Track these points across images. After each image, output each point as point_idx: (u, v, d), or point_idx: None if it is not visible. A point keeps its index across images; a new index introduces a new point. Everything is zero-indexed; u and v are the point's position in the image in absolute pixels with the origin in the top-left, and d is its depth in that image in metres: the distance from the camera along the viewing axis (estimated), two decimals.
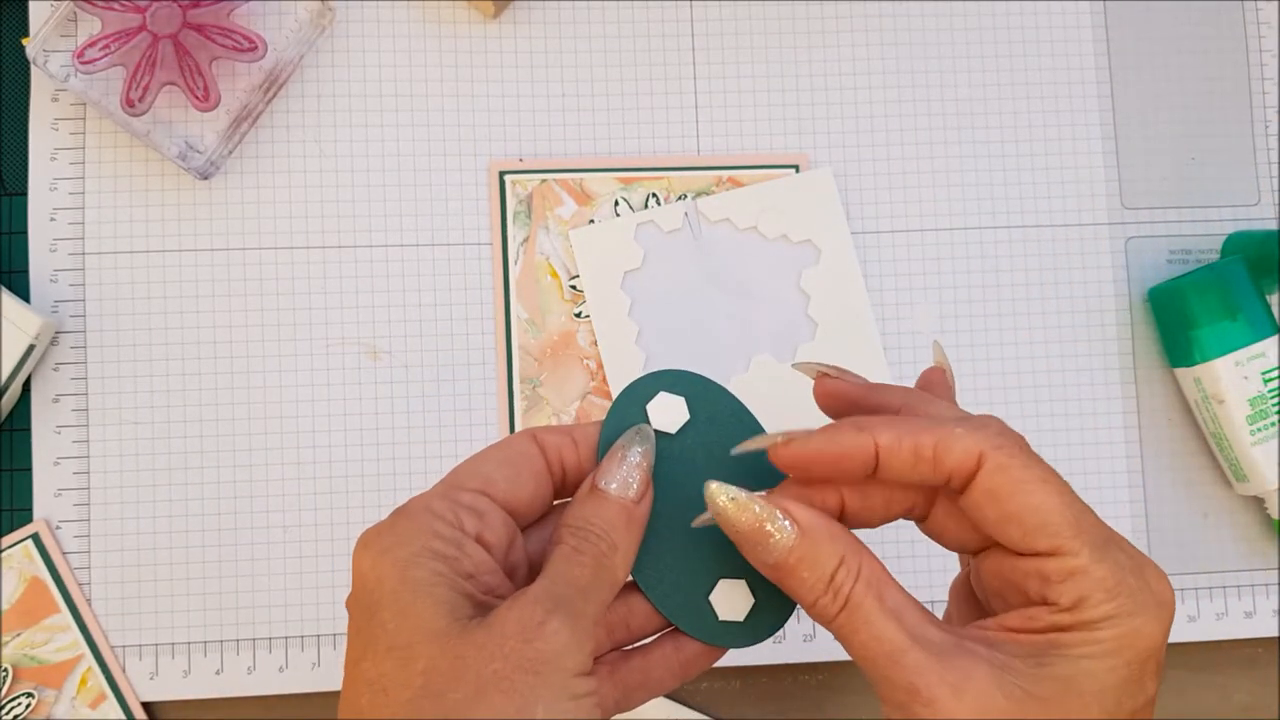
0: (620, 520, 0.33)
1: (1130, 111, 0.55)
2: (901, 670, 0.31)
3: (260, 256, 0.51)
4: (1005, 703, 0.30)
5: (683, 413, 0.36)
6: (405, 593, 0.30)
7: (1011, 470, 0.31)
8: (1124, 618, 0.30)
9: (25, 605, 0.49)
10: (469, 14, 0.53)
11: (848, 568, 0.32)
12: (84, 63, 0.49)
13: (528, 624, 0.30)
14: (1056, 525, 0.31)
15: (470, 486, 0.33)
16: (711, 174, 0.52)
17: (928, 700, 0.30)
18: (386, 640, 0.30)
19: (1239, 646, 0.53)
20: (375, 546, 0.31)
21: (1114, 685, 0.30)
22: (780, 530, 0.32)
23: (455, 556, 0.31)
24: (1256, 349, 0.50)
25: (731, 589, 0.35)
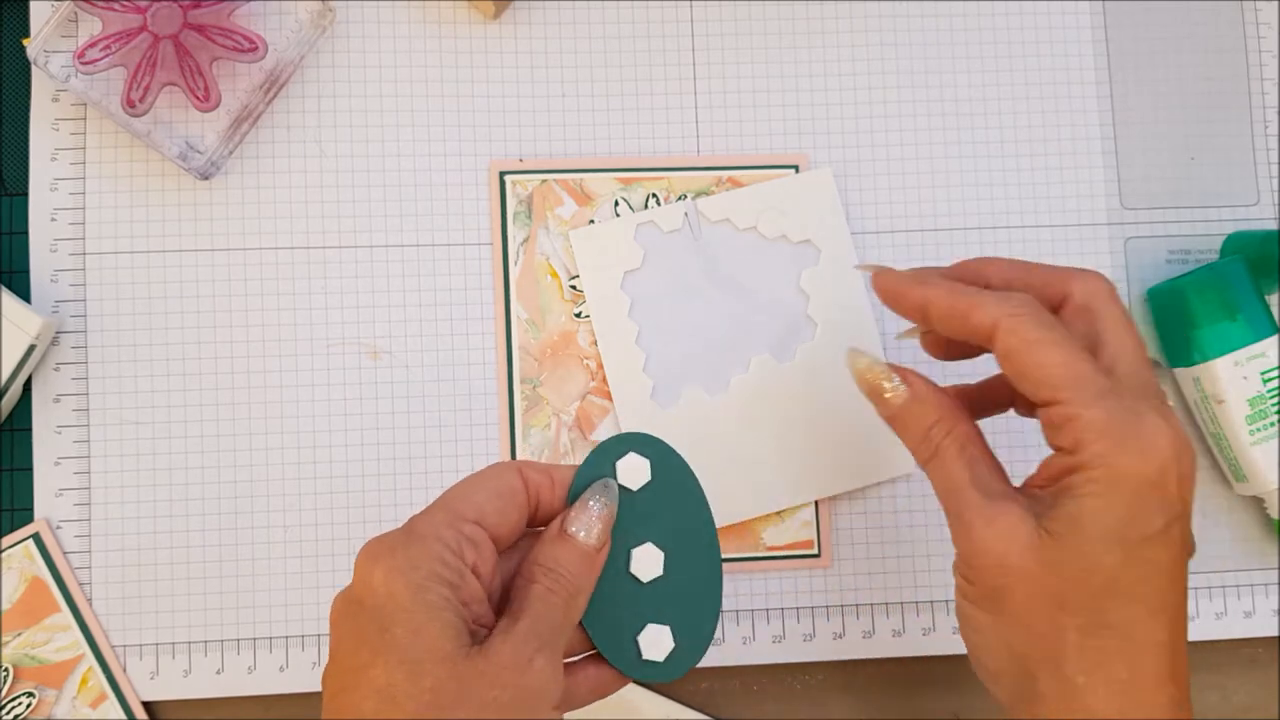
0: (584, 565, 0.37)
1: (1130, 111, 0.55)
2: (957, 503, 0.38)
3: (260, 256, 0.51)
4: (1025, 535, 0.36)
5: (646, 474, 0.40)
6: (419, 612, 0.33)
7: (1020, 333, 0.37)
8: (1113, 455, 0.35)
9: (26, 605, 0.49)
10: (469, 14, 0.53)
11: (941, 425, 0.39)
12: (85, 63, 0.49)
13: (520, 659, 0.34)
14: (1057, 378, 0.36)
15: (469, 517, 0.36)
16: (711, 174, 0.53)
17: (968, 526, 0.37)
18: (399, 654, 0.33)
19: (1238, 646, 0.53)
20: (387, 562, 0.34)
21: (1114, 519, 0.35)
22: (894, 390, 0.40)
23: (458, 585, 0.34)
24: (1256, 349, 0.50)
25: (658, 633, 0.40)
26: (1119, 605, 0.35)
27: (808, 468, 0.51)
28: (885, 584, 0.51)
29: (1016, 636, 0.36)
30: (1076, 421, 0.36)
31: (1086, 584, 0.35)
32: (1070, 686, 0.35)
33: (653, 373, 0.51)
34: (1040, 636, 0.36)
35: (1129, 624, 0.36)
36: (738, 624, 0.51)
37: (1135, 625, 0.36)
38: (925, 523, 0.52)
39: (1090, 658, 0.35)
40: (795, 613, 0.51)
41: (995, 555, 0.36)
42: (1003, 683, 0.38)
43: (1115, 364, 0.38)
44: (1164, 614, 0.36)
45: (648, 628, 0.40)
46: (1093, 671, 0.35)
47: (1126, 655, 0.35)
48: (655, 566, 0.40)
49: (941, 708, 0.52)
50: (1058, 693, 0.36)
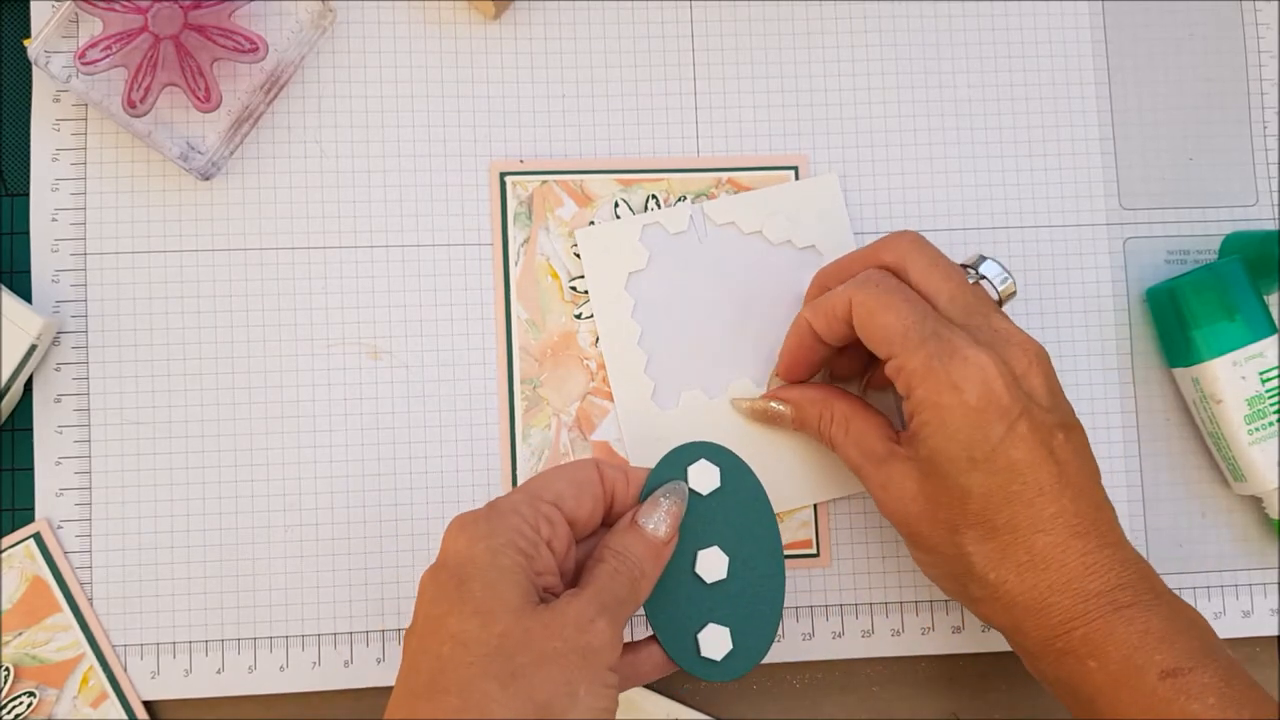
0: (650, 554, 0.41)
1: (1129, 112, 0.55)
2: (861, 477, 0.45)
3: (261, 256, 0.51)
4: (910, 484, 0.43)
5: (715, 480, 0.44)
6: (493, 572, 0.37)
7: (864, 303, 0.43)
8: (934, 395, 0.41)
9: (27, 605, 0.49)
10: (469, 14, 0.53)
11: (824, 419, 0.47)
12: (85, 64, 0.49)
13: (582, 618, 0.37)
14: (890, 335, 0.42)
15: (547, 498, 0.40)
16: (711, 175, 0.53)
17: (876, 497, 0.44)
18: (473, 605, 0.37)
19: (1237, 646, 0.53)
20: (470, 531, 0.38)
21: (956, 448, 0.41)
22: (780, 411, 0.49)
23: (532, 555, 0.39)
24: (1254, 349, 0.50)
25: (717, 633, 0.43)
26: (996, 509, 0.41)
27: (806, 472, 0.51)
28: (884, 584, 0.51)
29: (941, 562, 0.43)
30: (904, 370, 0.42)
31: (964, 506, 0.41)
32: (988, 583, 0.41)
33: (654, 374, 0.51)
34: (953, 557, 0.42)
35: (1011, 520, 0.41)
36: None
37: (1017, 518, 0.41)
38: None
39: (991, 557, 0.41)
40: (794, 612, 0.51)
41: (897, 511, 0.43)
42: (956, 596, 0.44)
43: (935, 302, 0.43)
44: (1040, 496, 0.41)
45: (708, 627, 0.43)
46: (999, 566, 0.41)
47: (1020, 542, 0.41)
48: (719, 569, 0.43)
49: (941, 707, 0.52)
50: (983, 591, 0.42)
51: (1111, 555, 0.41)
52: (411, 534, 0.50)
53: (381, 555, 0.50)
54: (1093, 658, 0.40)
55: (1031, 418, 0.41)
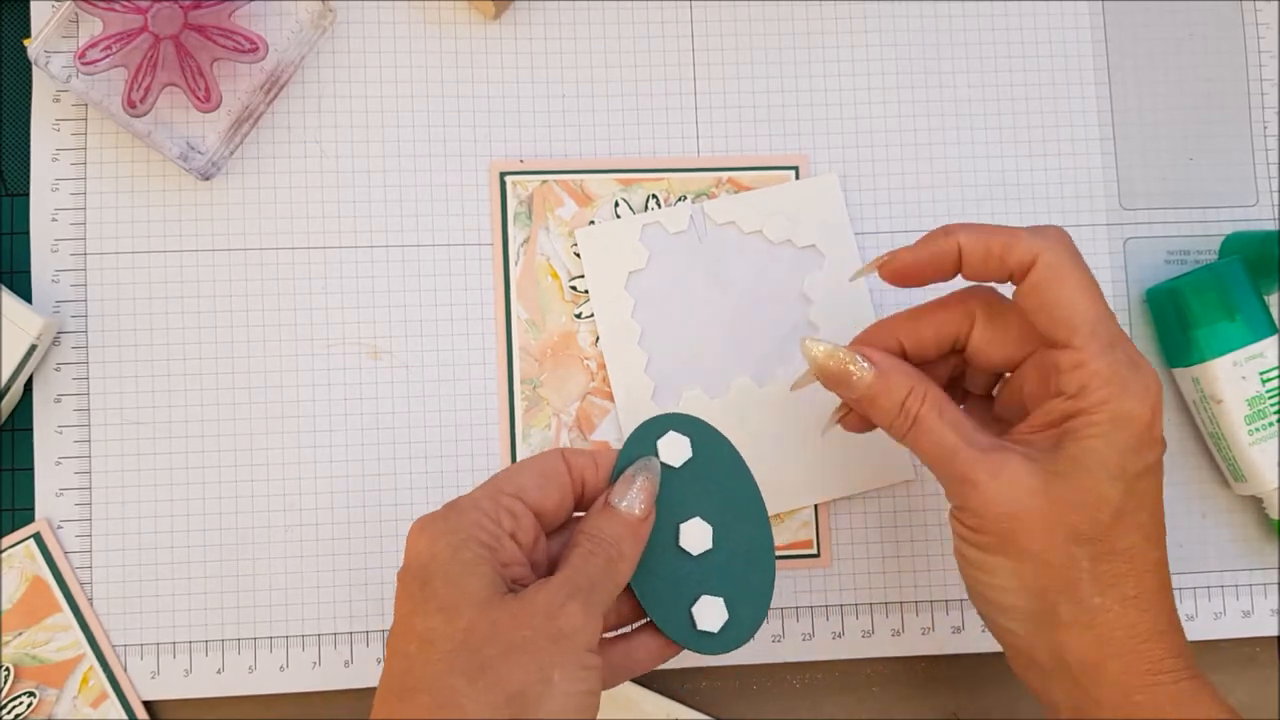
0: (627, 533, 0.40)
1: (1129, 112, 0.55)
2: (956, 464, 0.40)
3: (261, 256, 0.51)
4: (1031, 480, 0.39)
5: (686, 450, 0.42)
6: (455, 566, 0.37)
7: (1058, 268, 0.39)
8: (1115, 401, 0.38)
9: (27, 605, 0.49)
10: (469, 14, 0.53)
11: (915, 394, 0.41)
12: (85, 64, 0.49)
13: (552, 604, 0.36)
14: (1076, 321, 0.39)
15: (509, 491, 0.39)
16: (711, 175, 0.53)
17: (974, 483, 0.39)
18: (437, 602, 0.36)
19: (1237, 646, 0.53)
20: (431, 530, 0.38)
21: (1115, 456, 0.38)
22: (860, 370, 0.41)
23: (495, 547, 0.38)
24: (1255, 349, 0.50)
25: (711, 604, 0.42)
26: (1124, 533, 0.39)
27: (808, 472, 0.51)
28: (884, 584, 0.51)
29: (1032, 572, 0.39)
30: (1084, 368, 0.39)
31: (1095, 517, 0.38)
32: (1087, 607, 0.39)
33: (654, 374, 0.51)
34: (1057, 568, 0.39)
35: (1132, 548, 0.39)
36: None
37: (1137, 549, 0.39)
38: (924, 522, 0.52)
39: (1104, 580, 0.39)
40: (794, 612, 0.51)
41: (1006, 502, 0.39)
42: (1017, 615, 0.40)
43: None
44: (1157, 536, 0.40)
45: (701, 599, 0.42)
46: (1106, 592, 0.39)
47: (1133, 575, 0.39)
48: (704, 540, 0.42)
49: (941, 707, 0.52)
50: (1076, 614, 0.39)
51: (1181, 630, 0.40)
52: None
53: (382, 555, 0.50)
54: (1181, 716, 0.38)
55: (1161, 456, 0.40)
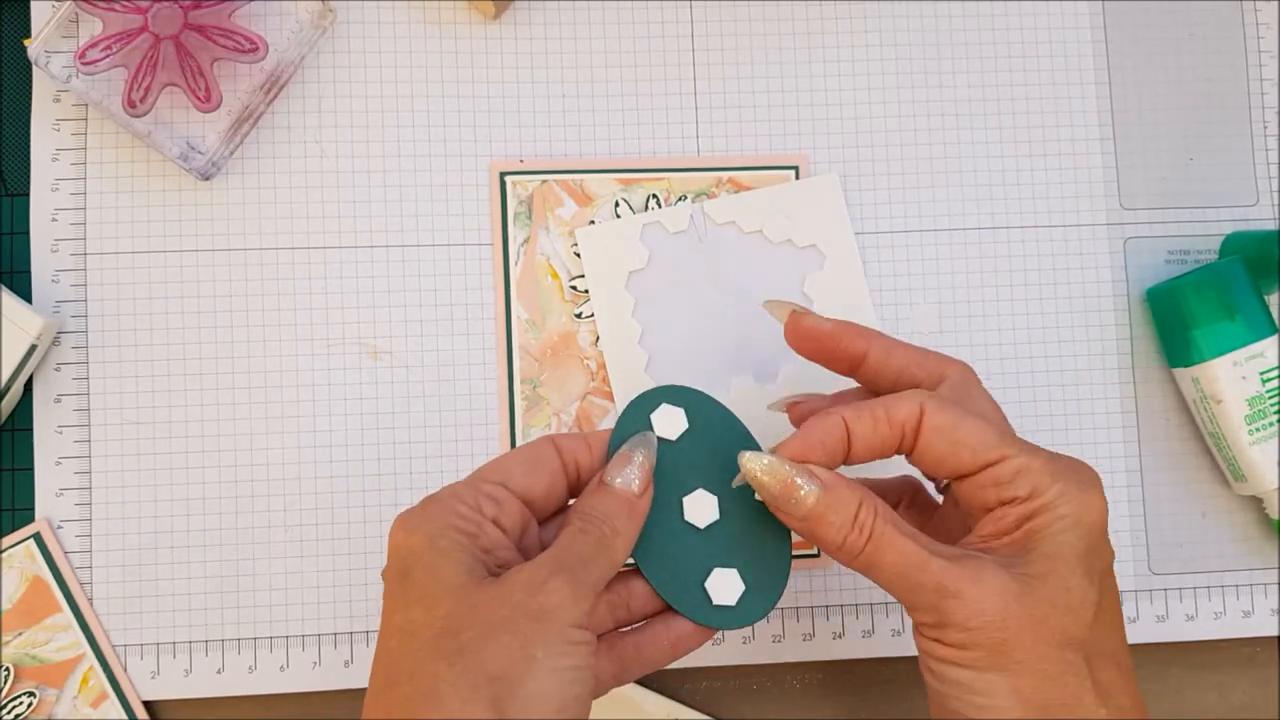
0: (623, 510, 0.38)
1: (1129, 112, 0.55)
2: (929, 575, 0.36)
3: (261, 256, 0.51)
4: (1015, 585, 0.36)
5: (682, 422, 0.41)
6: (432, 556, 0.36)
7: (948, 409, 0.38)
8: (1073, 493, 0.37)
9: (27, 605, 0.49)
10: (469, 14, 0.53)
11: (866, 508, 0.38)
12: (85, 64, 0.49)
13: (533, 581, 0.35)
14: (995, 439, 0.38)
15: (491, 479, 0.38)
16: (711, 175, 0.53)
17: (955, 593, 0.36)
18: (415, 593, 0.36)
19: (1237, 646, 0.53)
20: (409, 524, 0.37)
21: (1083, 550, 0.37)
22: (807, 485, 0.38)
23: (475, 534, 0.37)
24: (1255, 349, 0.50)
25: (725, 576, 0.40)
26: (1107, 633, 0.37)
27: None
28: None
29: (1032, 687, 0.36)
30: (1029, 470, 0.37)
31: (1081, 618, 0.36)
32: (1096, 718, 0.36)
33: (654, 374, 0.51)
34: (1054, 679, 0.36)
35: (1116, 650, 0.37)
36: None
37: (1119, 650, 0.37)
38: None
39: (1104, 690, 0.36)
40: (795, 612, 0.51)
41: (994, 611, 0.36)
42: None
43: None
44: (1122, 633, 0.38)
45: (714, 573, 0.40)
46: (1107, 701, 0.36)
47: (1121, 680, 0.37)
48: (710, 511, 0.40)
49: None
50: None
51: None
52: None
53: (381, 555, 0.50)
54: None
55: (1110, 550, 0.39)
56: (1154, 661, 0.52)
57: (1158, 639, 0.52)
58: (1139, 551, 0.52)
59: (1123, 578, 0.52)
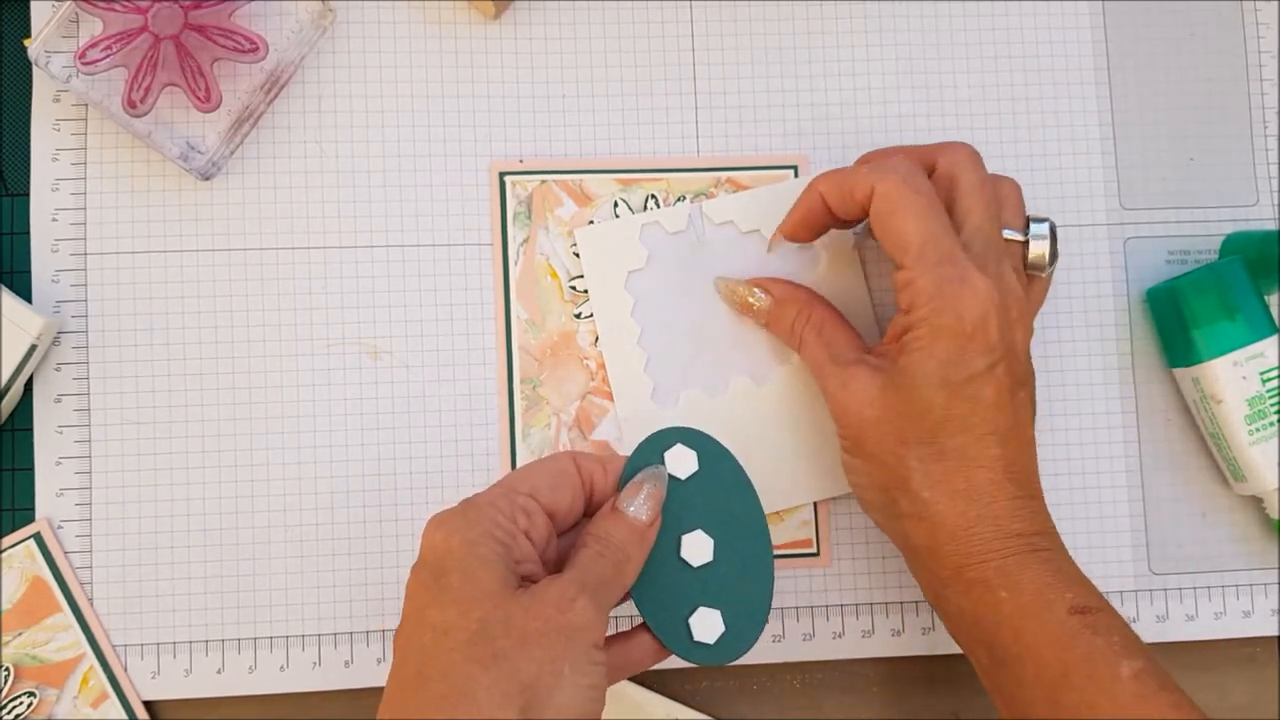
0: (633, 538, 0.41)
1: (1129, 112, 0.55)
2: (821, 376, 0.46)
3: (261, 256, 0.51)
4: (875, 391, 0.44)
5: (693, 464, 0.44)
6: (471, 561, 0.38)
7: (889, 199, 0.43)
8: (934, 316, 0.42)
9: (27, 605, 0.49)
10: (469, 14, 0.53)
11: (801, 316, 0.48)
12: (86, 64, 0.49)
13: (563, 598, 0.38)
14: (905, 245, 0.43)
15: (524, 490, 0.41)
16: (710, 175, 0.53)
17: (830, 394, 0.46)
18: (451, 594, 0.37)
19: (1237, 646, 0.53)
20: (448, 526, 0.39)
21: (937, 366, 0.42)
22: (758, 300, 0.50)
23: (509, 544, 0.39)
24: (1255, 349, 0.50)
25: (708, 616, 0.43)
26: (951, 434, 0.43)
27: (806, 470, 0.51)
28: (885, 583, 0.51)
29: (876, 470, 0.44)
30: (912, 286, 0.43)
31: (921, 421, 0.43)
32: (920, 499, 0.43)
33: (653, 373, 0.51)
34: (892, 468, 0.43)
35: (961, 447, 0.43)
36: None
37: (967, 448, 0.43)
38: None
39: (932, 476, 0.43)
40: (795, 612, 0.51)
41: (852, 410, 0.44)
42: (875, 508, 0.46)
43: (962, 224, 0.44)
44: (993, 435, 0.43)
45: (698, 610, 0.43)
46: (935, 486, 0.43)
47: (962, 471, 0.43)
48: (705, 552, 0.43)
49: (941, 707, 0.52)
50: (911, 506, 0.43)
51: (1036, 506, 0.44)
52: (412, 534, 0.50)
53: (381, 555, 0.50)
54: (1005, 589, 0.42)
55: (1009, 364, 0.43)
56: None
57: (1158, 639, 0.52)
58: (1139, 551, 0.52)
59: (1123, 578, 0.52)
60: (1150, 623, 0.52)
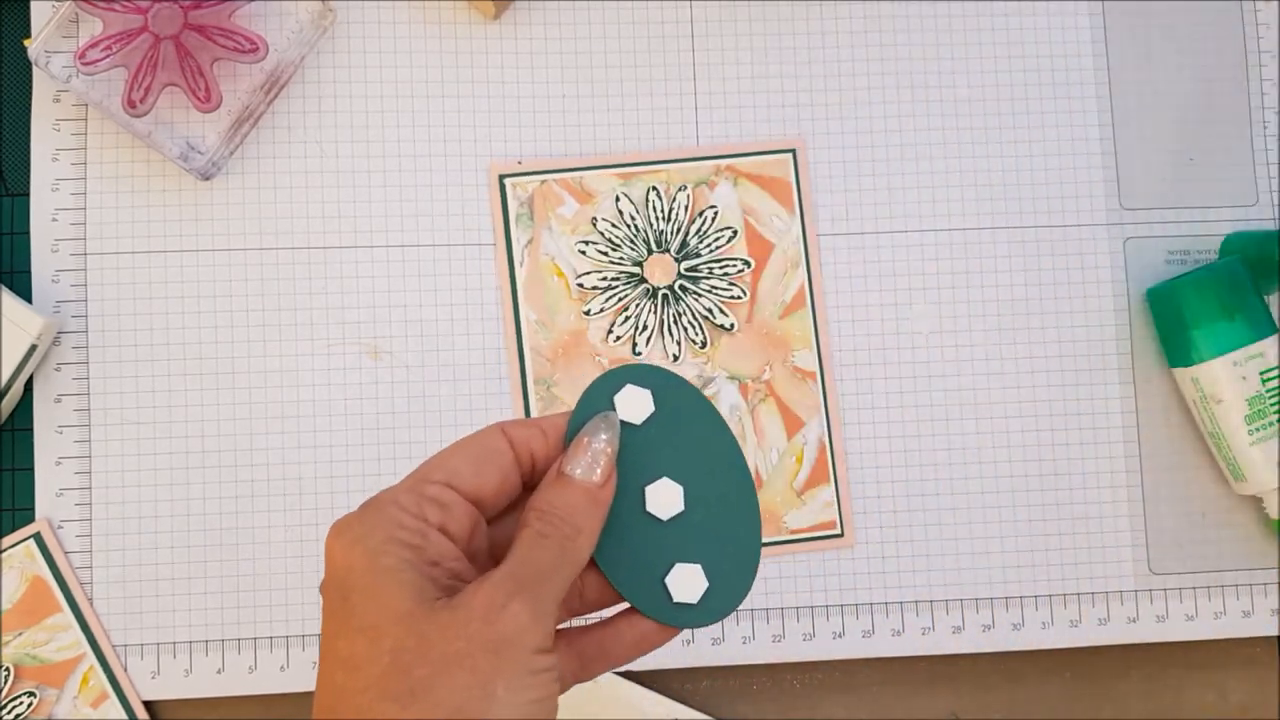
0: (584, 503, 0.35)
1: (1129, 112, 0.55)
2: None
3: (261, 256, 0.51)
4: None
5: (648, 405, 0.37)
6: (373, 577, 0.32)
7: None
8: None
9: (27, 605, 0.49)
10: (469, 14, 0.53)
11: None
12: (86, 64, 0.49)
13: (490, 606, 0.32)
14: None
15: (435, 479, 0.34)
16: (710, 164, 0.53)
17: None
18: (357, 621, 0.32)
19: (1237, 645, 0.53)
20: (346, 535, 0.33)
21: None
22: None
23: (420, 545, 0.33)
24: (1254, 349, 0.50)
25: (687, 572, 0.37)
26: None
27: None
28: (884, 584, 0.51)
29: None
30: None
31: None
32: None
33: None
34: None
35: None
36: (737, 624, 0.51)
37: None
38: (924, 522, 0.52)
39: None
40: (795, 612, 0.51)
41: None
42: None
43: None
44: None
45: (675, 568, 0.37)
46: None
47: None
48: (674, 502, 0.37)
49: (941, 707, 0.52)
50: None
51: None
52: None
53: None
54: None
55: None
56: (1154, 661, 0.52)
57: (1158, 639, 0.52)
58: (1139, 551, 0.52)
59: (1123, 578, 0.52)
60: (1150, 623, 0.52)
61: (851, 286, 0.53)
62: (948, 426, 0.52)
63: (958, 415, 0.52)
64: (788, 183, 0.53)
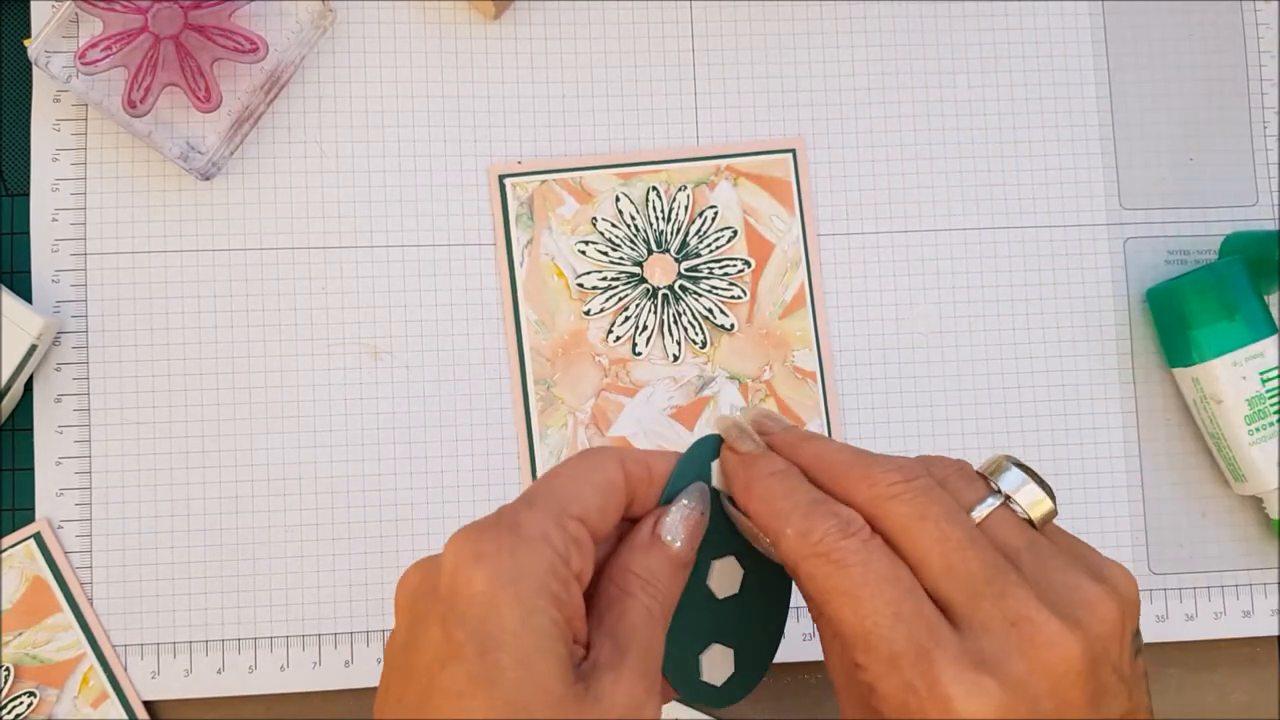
0: (675, 576, 0.33)
1: (1129, 111, 0.55)
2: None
3: (261, 257, 0.51)
4: None
5: None
6: (529, 640, 0.29)
7: (816, 580, 0.32)
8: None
9: (27, 605, 0.49)
10: (469, 14, 0.53)
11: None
12: (86, 64, 0.49)
13: (632, 704, 0.30)
14: (851, 638, 0.31)
15: (574, 514, 0.32)
16: (710, 164, 0.53)
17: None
18: (504, 692, 0.28)
19: (1237, 646, 0.53)
20: (492, 565, 0.30)
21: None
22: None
23: (565, 600, 0.30)
24: (1254, 349, 0.50)
25: (720, 654, 0.36)
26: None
27: None
28: None
29: None
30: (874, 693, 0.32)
31: None
32: None
33: None
34: None
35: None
36: None
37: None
38: None
39: None
40: (795, 612, 0.51)
41: None
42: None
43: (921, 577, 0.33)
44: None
45: (711, 647, 0.36)
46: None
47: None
48: (733, 583, 0.36)
49: None
50: None
51: None
52: (412, 534, 0.50)
53: (382, 555, 0.50)
54: None
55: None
56: (1154, 661, 0.52)
57: (1158, 639, 0.52)
58: (1139, 551, 0.52)
59: None
60: (1150, 623, 0.52)
61: (851, 286, 0.53)
62: (947, 426, 0.52)
63: (958, 415, 0.52)
64: (788, 183, 0.53)
